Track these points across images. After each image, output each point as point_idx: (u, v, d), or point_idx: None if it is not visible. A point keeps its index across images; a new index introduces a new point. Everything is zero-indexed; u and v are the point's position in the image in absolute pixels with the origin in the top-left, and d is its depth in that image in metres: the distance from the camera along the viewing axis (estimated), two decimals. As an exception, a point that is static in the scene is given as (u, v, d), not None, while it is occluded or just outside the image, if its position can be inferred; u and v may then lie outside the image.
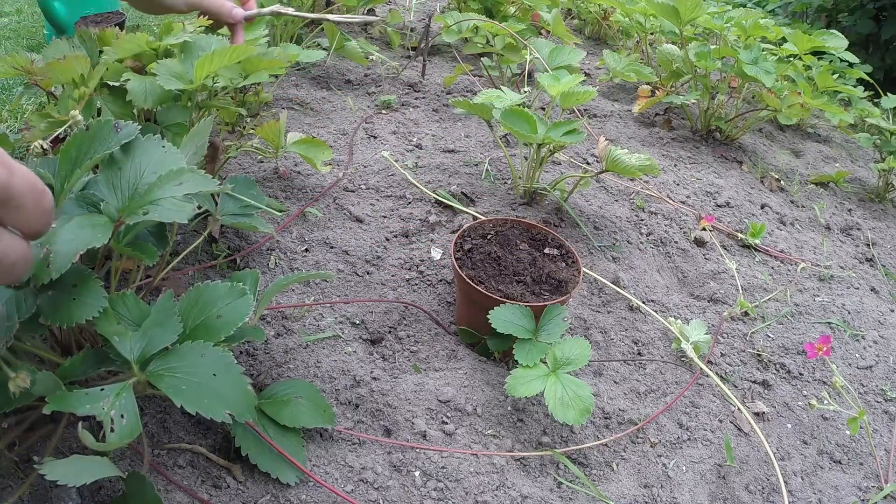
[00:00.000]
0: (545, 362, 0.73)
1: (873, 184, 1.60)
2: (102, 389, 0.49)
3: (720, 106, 1.56)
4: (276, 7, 0.88)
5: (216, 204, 0.79)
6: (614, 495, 0.70)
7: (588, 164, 1.32)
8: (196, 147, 0.66)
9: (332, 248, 0.96)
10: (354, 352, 0.79)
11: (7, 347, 0.46)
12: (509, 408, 0.76)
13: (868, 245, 1.32)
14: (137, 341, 0.52)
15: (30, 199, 0.36)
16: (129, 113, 0.84)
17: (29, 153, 0.76)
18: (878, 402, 0.92)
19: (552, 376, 0.71)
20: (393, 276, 0.93)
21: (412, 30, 1.91)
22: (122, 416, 0.47)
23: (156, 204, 0.51)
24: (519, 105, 1.04)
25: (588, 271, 0.99)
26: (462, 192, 1.13)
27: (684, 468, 0.75)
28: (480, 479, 0.67)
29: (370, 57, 1.57)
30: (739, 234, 1.20)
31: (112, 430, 0.46)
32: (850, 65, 1.92)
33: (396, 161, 1.19)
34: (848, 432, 0.85)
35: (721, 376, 0.89)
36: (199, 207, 0.71)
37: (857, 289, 1.15)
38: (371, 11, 1.92)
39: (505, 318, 0.74)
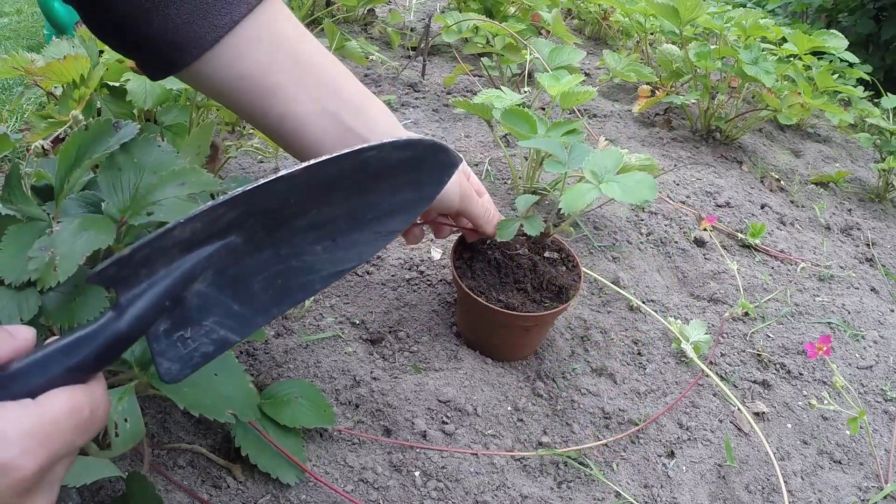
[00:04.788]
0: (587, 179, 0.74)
1: (873, 184, 1.60)
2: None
3: (720, 106, 1.56)
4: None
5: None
6: (614, 495, 0.70)
7: (588, 164, 1.32)
8: (199, 147, 0.66)
9: (332, 248, 0.96)
10: (354, 352, 0.79)
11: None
12: (509, 408, 0.76)
13: (868, 245, 1.32)
14: (138, 342, 0.52)
15: (77, 438, 0.35)
16: (128, 113, 0.84)
17: (29, 153, 0.76)
18: (878, 402, 0.92)
19: (602, 184, 0.72)
20: (393, 276, 0.93)
21: (412, 30, 1.91)
22: (125, 420, 0.47)
23: (159, 204, 0.51)
24: (519, 105, 1.04)
25: (588, 271, 0.99)
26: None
27: (684, 468, 0.75)
28: (480, 479, 0.67)
29: (370, 57, 1.57)
30: (739, 234, 1.20)
31: (116, 435, 0.46)
32: (850, 65, 1.92)
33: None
34: (848, 432, 0.85)
35: (721, 376, 0.89)
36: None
37: (857, 289, 1.15)
38: (371, 12, 1.93)
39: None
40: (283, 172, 0.37)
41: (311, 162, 0.38)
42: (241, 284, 0.40)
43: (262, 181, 0.37)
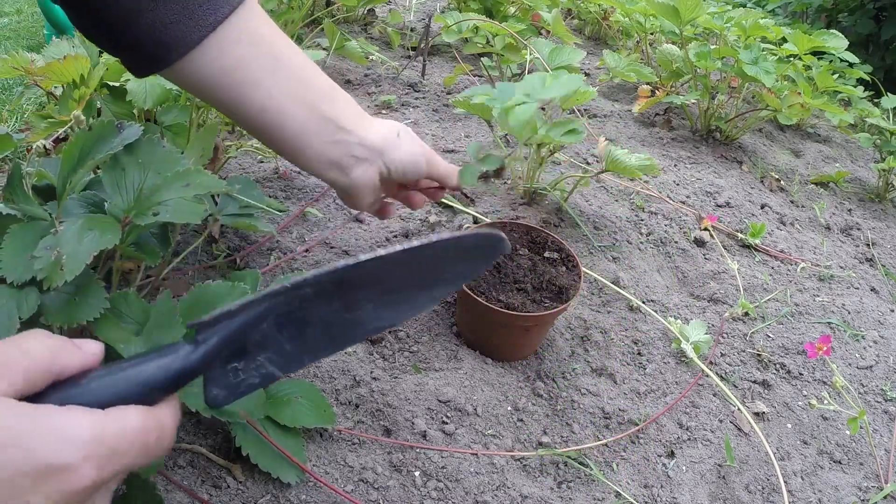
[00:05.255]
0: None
1: (873, 184, 1.60)
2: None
3: (720, 106, 1.57)
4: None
5: (216, 204, 0.79)
6: (614, 495, 0.70)
7: (588, 164, 1.32)
8: (203, 149, 0.66)
9: (332, 248, 0.96)
10: (354, 352, 0.80)
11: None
12: (509, 408, 0.76)
13: (868, 245, 1.32)
14: (140, 345, 0.52)
15: (133, 457, 0.34)
16: (128, 113, 0.84)
17: (31, 153, 0.76)
18: (878, 402, 0.92)
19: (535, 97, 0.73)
20: (393, 276, 0.93)
21: (412, 30, 1.91)
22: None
23: (164, 205, 0.52)
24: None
25: (588, 271, 0.99)
26: (462, 192, 1.13)
27: (684, 468, 0.75)
28: (480, 479, 0.67)
29: (370, 57, 1.57)
30: (739, 234, 1.20)
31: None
32: (850, 65, 1.92)
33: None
34: (848, 432, 0.85)
35: (721, 376, 0.89)
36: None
37: (857, 289, 1.15)
38: (371, 12, 1.93)
39: None
40: (378, 253, 0.42)
41: (403, 247, 0.43)
42: (298, 328, 0.43)
43: (358, 260, 0.41)
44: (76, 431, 0.32)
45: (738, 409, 0.82)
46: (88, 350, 0.37)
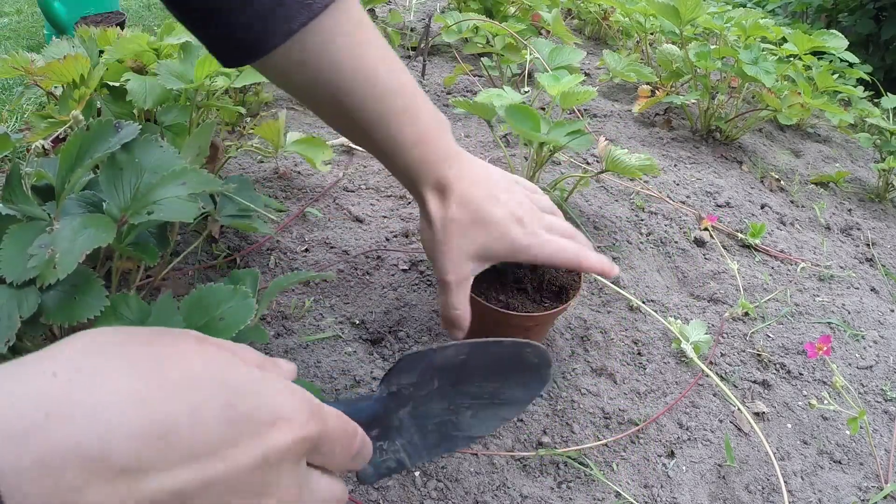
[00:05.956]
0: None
1: (873, 184, 1.60)
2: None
3: (720, 106, 1.56)
4: None
5: (216, 204, 0.79)
6: (614, 495, 0.70)
7: (588, 164, 1.32)
8: (199, 148, 0.66)
9: (332, 248, 0.96)
10: (354, 352, 0.79)
11: (8, 347, 0.46)
12: (509, 408, 0.76)
13: (868, 245, 1.32)
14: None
15: (340, 445, 0.38)
16: (128, 113, 0.84)
17: (30, 153, 0.76)
18: (878, 402, 0.92)
19: None
20: (393, 276, 0.93)
21: (412, 30, 1.91)
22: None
23: (159, 204, 0.52)
24: (519, 101, 1.04)
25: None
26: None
27: (684, 468, 0.75)
28: (480, 479, 0.67)
29: (370, 57, 1.57)
30: (739, 234, 1.20)
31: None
32: (850, 65, 1.92)
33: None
34: (848, 432, 0.85)
35: (721, 376, 0.89)
36: (203, 207, 0.71)
37: (857, 289, 1.15)
38: (371, 12, 1.92)
39: None
40: (470, 341, 0.49)
41: (482, 340, 0.49)
42: (423, 421, 0.50)
43: (468, 344, 0.49)
44: (302, 395, 0.36)
45: (738, 409, 0.82)
46: (286, 368, 0.43)
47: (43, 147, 0.76)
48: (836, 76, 1.85)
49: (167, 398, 0.29)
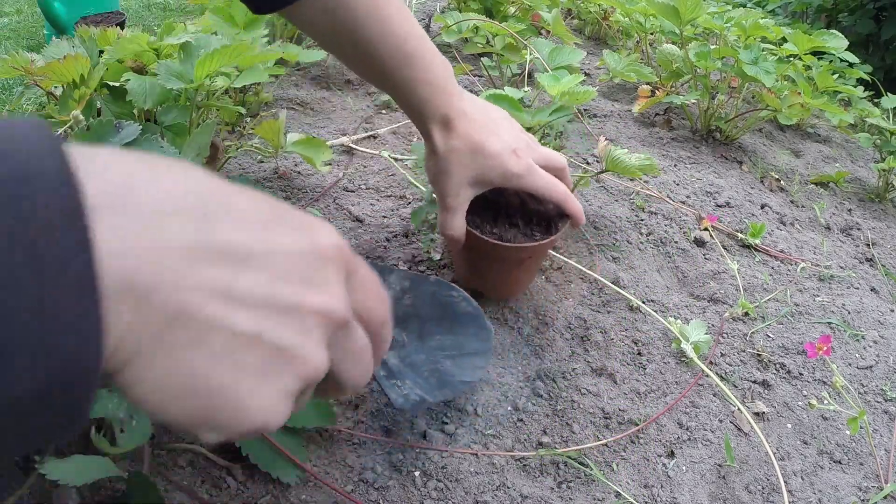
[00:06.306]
0: None
1: (873, 184, 1.60)
2: (110, 391, 0.49)
3: (720, 106, 1.56)
4: None
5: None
6: (614, 495, 0.70)
7: (588, 164, 1.32)
8: (199, 148, 0.66)
9: (332, 248, 0.96)
10: (355, 352, 0.79)
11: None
12: (509, 408, 0.76)
13: (868, 245, 1.32)
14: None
15: (373, 289, 0.39)
16: (128, 113, 0.84)
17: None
18: (878, 402, 0.92)
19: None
20: (393, 276, 0.93)
21: (412, 30, 1.91)
22: (131, 418, 0.47)
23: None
24: (518, 99, 1.03)
25: (588, 271, 0.99)
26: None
27: (684, 468, 0.75)
28: (480, 479, 0.67)
29: (370, 57, 1.57)
30: (739, 234, 1.20)
31: (122, 431, 0.47)
32: (850, 65, 1.92)
33: (397, 161, 1.19)
34: (848, 432, 0.85)
35: (721, 376, 0.89)
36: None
37: (857, 289, 1.15)
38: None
39: None
40: (409, 272, 0.55)
41: (416, 273, 0.56)
42: (416, 369, 0.57)
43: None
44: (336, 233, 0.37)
45: (738, 409, 0.82)
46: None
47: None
48: (836, 76, 1.85)
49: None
